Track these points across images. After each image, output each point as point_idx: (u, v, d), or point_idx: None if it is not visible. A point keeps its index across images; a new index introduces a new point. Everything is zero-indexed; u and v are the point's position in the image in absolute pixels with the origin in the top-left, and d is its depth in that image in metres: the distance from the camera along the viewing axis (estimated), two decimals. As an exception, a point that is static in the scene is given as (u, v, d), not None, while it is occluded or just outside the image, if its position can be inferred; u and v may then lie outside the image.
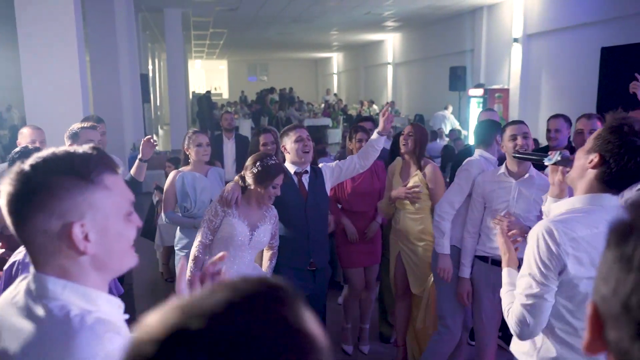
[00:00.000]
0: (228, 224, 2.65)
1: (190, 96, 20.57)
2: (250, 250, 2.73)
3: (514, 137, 2.82)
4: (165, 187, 3.54)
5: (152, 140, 3.25)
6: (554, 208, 1.74)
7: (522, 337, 1.67)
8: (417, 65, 16.36)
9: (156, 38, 16.73)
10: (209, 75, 29.58)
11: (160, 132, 18.41)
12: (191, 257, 2.65)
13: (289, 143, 3.07)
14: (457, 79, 11.50)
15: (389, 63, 18.40)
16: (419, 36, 15.73)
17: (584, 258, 1.56)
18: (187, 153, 3.52)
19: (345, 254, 3.62)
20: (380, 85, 19.59)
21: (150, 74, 15.68)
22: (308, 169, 3.11)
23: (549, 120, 3.69)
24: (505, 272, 1.81)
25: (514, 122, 2.95)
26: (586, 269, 1.57)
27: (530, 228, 2.50)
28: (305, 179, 3.09)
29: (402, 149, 3.40)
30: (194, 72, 27.28)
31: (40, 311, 0.94)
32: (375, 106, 16.73)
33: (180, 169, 3.58)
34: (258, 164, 2.66)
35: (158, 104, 19.57)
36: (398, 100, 17.14)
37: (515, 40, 10.53)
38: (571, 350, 1.66)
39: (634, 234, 0.52)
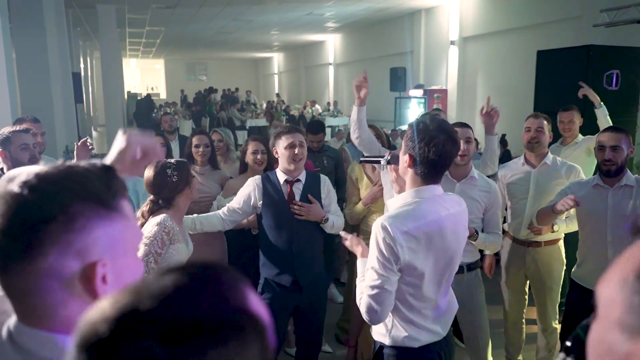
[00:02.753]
0: (176, 251, 2.36)
1: (126, 96, 19.80)
2: None
3: None
4: None
5: (88, 142, 3.06)
6: (389, 204, 1.94)
7: (372, 322, 1.89)
8: (358, 66, 16.54)
9: (88, 35, 15.98)
10: (144, 75, 28.61)
11: (95, 133, 17.62)
12: None
13: (280, 148, 2.80)
14: (398, 80, 11.72)
15: (330, 64, 18.49)
16: (360, 37, 15.92)
17: (417, 247, 1.78)
18: None
19: None
20: (321, 86, 19.66)
21: (83, 73, 14.96)
22: (302, 177, 2.85)
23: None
24: (359, 262, 1.99)
25: (458, 125, 2.93)
26: (419, 255, 1.79)
27: (474, 230, 2.65)
28: (298, 187, 2.84)
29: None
30: (129, 71, 26.29)
31: None
32: (317, 106, 16.77)
33: None
34: (169, 172, 2.39)
35: (92, 104, 18.72)
36: (340, 101, 17.27)
37: (452, 42, 10.86)
38: (417, 328, 1.90)
39: None
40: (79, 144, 3.03)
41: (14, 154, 2.89)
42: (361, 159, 2.66)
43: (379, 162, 2.23)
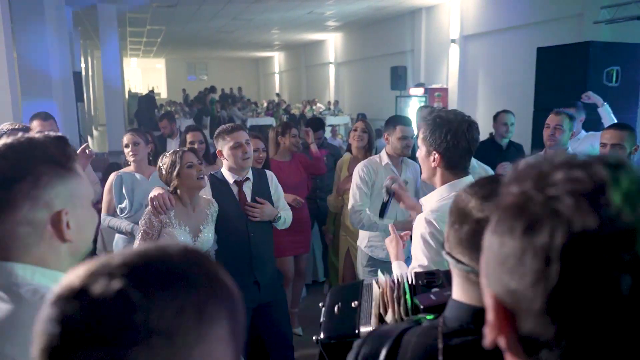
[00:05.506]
0: (169, 235, 2.38)
1: (127, 96, 19.81)
2: None
3: (404, 138, 3.02)
4: (104, 189, 3.32)
5: (87, 150, 3.05)
6: (425, 202, 1.89)
7: None
8: (358, 65, 16.54)
9: (89, 35, 15.99)
10: (145, 75, 28.62)
11: (95, 133, 17.65)
12: None
13: (225, 149, 2.70)
14: (398, 79, 11.69)
15: (330, 63, 18.48)
16: (361, 36, 15.91)
17: None
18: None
19: (275, 244, 3.60)
20: (322, 85, 19.65)
21: (83, 72, 14.97)
22: (250, 175, 2.81)
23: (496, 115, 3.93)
24: (395, 264, 1.93)
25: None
26: None
27: None
28: (248, 186, 2.79)
29: (356, 144, 3.46)
30: (130, 70, 26.31)
31: (8, 297, 0.90)
32: (319, 104, 16.78)
33: (119, 171, 3.40)
34: (161, 160, 2.54)
35: (92, 103, 18.74)
36: (340, 100, 17.26)
37: (453, 41, 10.85)
38: None
39: (546, 221, 0.47)
40: (79, 150, 3.00)
41: None
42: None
43: (386, 204, 2.31)
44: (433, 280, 1.18)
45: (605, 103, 3.72)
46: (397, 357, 0.97)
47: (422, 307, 1.10)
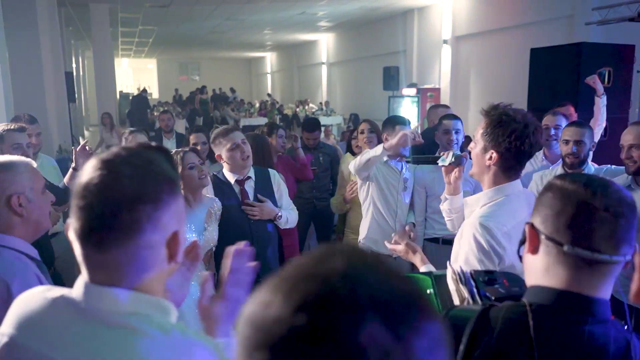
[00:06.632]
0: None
1: (118, 96, 19.70)
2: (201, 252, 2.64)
3: (446, 132, 3.06)
4: None
5: (87, 148, 3.03)
6: (470, 203, 1.80)
7: None
8: (351, 65, 16.57)
9: (80, 35, 15.89)
10: (136, 75, 28.48)
11: (87, 133, 17.53)
12: None
13: (223, 152, 2.74)
14: (391, 79, 11.75)
15: (323, 63, 18.50)
16: (353, 36, 15.95)
17: (515, 247, 1.71)
18: None
19: None
20: (314, 85, 19.67)
21: (75, 73, 14.88)
22: (252, 174, 2.84)
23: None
24: (424, 268, 1.86)
25: (448, 117, 3.17)
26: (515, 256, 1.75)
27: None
28: (250, 185, 2.82)
29: (367, 147, 3.46)
30: (121, 71, 26.16)
31: (114, 328, 0.81)
32: (312, 105, 16.80)
33: None
34: None
35: (84, 104, 18.62)
36: (332, 100, 17.30)
37: (445, 41, 10.92)
38: None
39: None
40: (77, 149, 2.98)
41: (5, 153, 2.81)
42: (408, 160, 2.67)
43: (435, 162, 2.11)
44: (494, 279, 1.23)
45: (604, 94, 3.81)
46: (486, 330, 1.00)
47: (493, 298, 1.15)
